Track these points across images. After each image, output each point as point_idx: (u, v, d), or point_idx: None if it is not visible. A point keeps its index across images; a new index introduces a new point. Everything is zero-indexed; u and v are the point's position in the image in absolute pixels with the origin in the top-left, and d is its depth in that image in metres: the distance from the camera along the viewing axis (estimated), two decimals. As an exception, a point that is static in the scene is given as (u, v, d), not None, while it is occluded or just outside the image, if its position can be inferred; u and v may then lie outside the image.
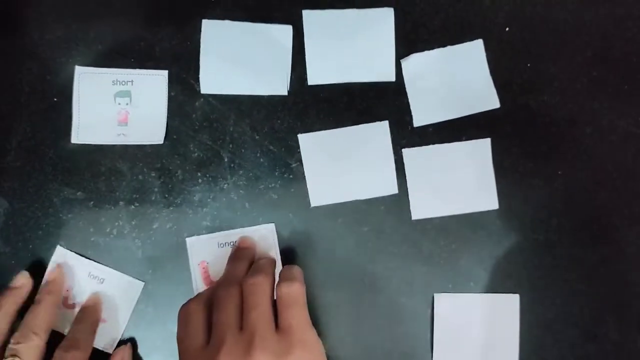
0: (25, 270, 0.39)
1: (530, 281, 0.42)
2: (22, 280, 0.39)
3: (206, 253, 0.41)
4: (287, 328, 0.32)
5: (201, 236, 0.41)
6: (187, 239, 0.41)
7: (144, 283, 0.41)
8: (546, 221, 0.42)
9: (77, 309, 0.40)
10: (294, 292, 0.33)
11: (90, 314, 0.40)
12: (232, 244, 0.41)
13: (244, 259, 0.38)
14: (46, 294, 0.39)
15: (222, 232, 0.41)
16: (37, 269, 0.40)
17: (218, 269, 0.39)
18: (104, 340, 0.40)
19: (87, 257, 0.41)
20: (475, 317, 0.41)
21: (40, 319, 0.37)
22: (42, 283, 0.40)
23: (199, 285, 0.41)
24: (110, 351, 0.40)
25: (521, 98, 0.43)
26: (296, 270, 0.36)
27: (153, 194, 0.41)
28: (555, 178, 0.42)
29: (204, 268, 0.41)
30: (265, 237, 0.41)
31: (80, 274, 0.40)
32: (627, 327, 0.42)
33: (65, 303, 0.40)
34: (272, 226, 0.41)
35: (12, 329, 0.37)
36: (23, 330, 0.36)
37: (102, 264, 0.41)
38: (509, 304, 0.41)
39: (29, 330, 0.36)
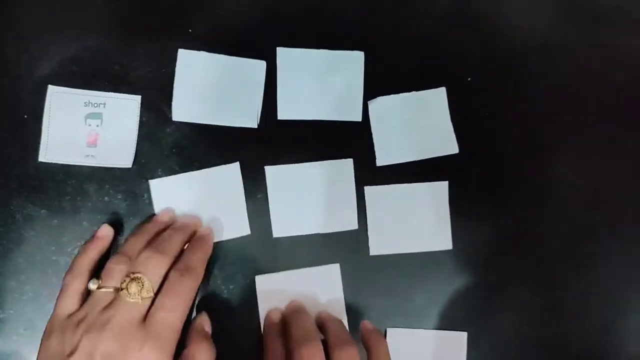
0: (106, 223, 0.41)
1: (477, 320, 0.44)
2: (105, 232, 0.40)
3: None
4: None
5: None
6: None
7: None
8: (496, 263, 0.44)
9: None
10: (352, 358, 0.35)
11: (204, 245, 0.40)
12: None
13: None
14: (182, 227, 0.40)
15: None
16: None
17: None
18: None
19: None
20: (425, 351, 0.43)
21: (175, 242, 0.38)
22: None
23: None
24: None
25: (479, 145, 0.45)
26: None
27: (118, 216, 0.42)
28: (507, 223, 0.45)
29: None
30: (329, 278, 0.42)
31: None
32: (565, 372, 0.44)
33: None
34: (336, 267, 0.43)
35: (92, 275, 0.37)
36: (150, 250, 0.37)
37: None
38: (457, 341, 0.43)
39: (157, 250, 0.37)
